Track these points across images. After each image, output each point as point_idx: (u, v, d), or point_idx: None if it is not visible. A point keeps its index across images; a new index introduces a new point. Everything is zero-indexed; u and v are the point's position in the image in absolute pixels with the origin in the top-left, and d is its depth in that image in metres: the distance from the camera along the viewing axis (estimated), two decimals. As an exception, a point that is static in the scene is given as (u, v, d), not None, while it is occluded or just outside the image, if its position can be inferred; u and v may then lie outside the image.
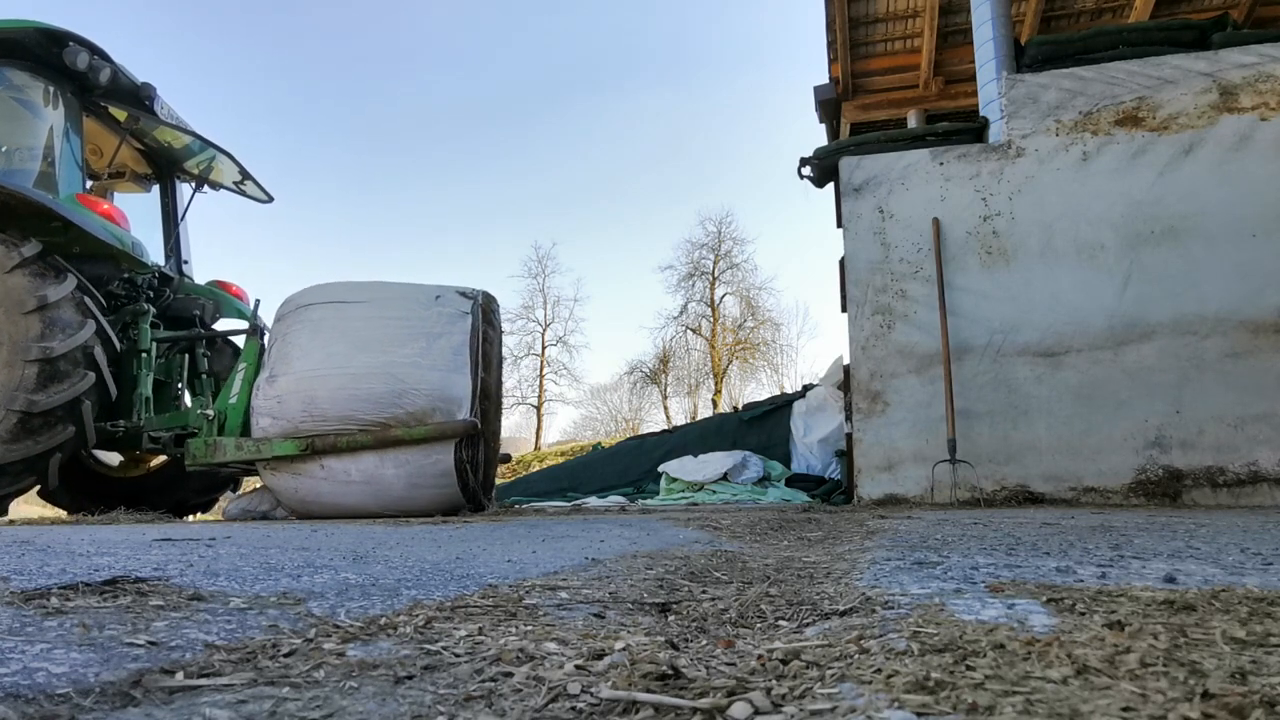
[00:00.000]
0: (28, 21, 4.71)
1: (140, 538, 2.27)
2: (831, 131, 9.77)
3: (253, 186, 6.21)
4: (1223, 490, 4.64)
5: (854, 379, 5.26)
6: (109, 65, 4.95)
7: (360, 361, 4.14)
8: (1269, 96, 4.92)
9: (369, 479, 4.12)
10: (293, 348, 4.27)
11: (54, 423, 4.26)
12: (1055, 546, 1.98)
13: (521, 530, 2.82)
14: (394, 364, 4.13)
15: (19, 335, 4.19)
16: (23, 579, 1.26)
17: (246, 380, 4.74)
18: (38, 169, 4.77)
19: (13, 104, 4.91)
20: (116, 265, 4.95)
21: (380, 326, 4.27)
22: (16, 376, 4.15)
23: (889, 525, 2.94)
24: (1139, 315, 4.89)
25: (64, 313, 4.33)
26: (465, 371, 4.21)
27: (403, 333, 4.25)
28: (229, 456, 4.45)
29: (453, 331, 4.30)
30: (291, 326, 4.38)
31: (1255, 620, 0.90)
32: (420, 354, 4.17)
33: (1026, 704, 0.61)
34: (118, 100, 5.22)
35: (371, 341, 4.21)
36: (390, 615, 1.08)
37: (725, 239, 28.99)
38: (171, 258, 5.83)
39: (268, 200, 6.38)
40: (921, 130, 6.04)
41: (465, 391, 4.17)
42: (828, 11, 8.34)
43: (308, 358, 4.19)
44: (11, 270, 4.26)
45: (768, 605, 1.18)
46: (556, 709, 0.68)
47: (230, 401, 4.70)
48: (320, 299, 4.46)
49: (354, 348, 4.19)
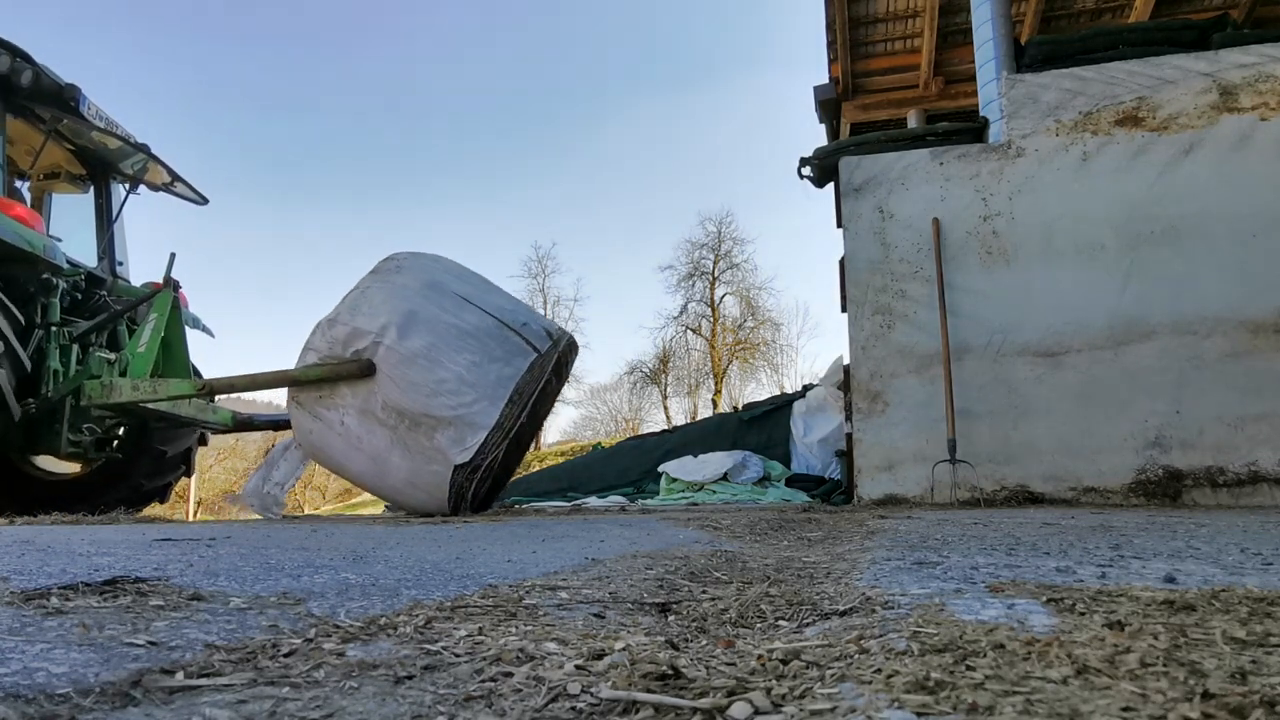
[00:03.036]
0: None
1: (140, 538, 2.27)
2: (831, 131, 9.77)
3: (184, 188, 6.20)
4: (1223, 490, 4.64)
5: (854, 379, 5.26)
6: (31, 67, 4.94)
7: (414, 345, 4.04)
8: (1269, 96, 4.92)
9: (376, 456, 4.11)
10: (364, 303, 4.20)
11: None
12: (1055, 546, 1.98)
13: (521, 530, 2.82)
14: (442, 363, 4.04)
15: None
16: (23, 579, 1.26)
17: (156, 330, 4.75)
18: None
19: None
20: (34, 268, 4.89)
21: (452, 322, 4.16)
22: None
23: (889, 525, 2.94)
24: (1139, 315, 4.89)
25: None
26: (499, 405, 4.05)
27: (469, 340, 4.13)
28: (125, 397, 4.54)
29: (510, 362, 4.16)
30: (375, 282, 4.31)
31: (1255, 620, 0.90)
32: (470, 367, 4.05)
33: (1026, 704, 0.61)
34: (42, 102, 5.18)
35: (436, 332, 4.10)
36: (390, 615, 1.08)
37: (725, 239, 29.01)
38: (104, 259, 5.80)
39: (202, 202, 6.37)
40: (921, 130, 6.04)
41: (487, 423, 4.03)
42: (828, 11, 8.34)
43: (371, 319, 4.12)
44: None
45: (768, 605, 1.18)
46: (556, 709, 0.68)
47: (138, 350, 4.70)
48: (416, 269, 4.36)
49: (417, 330, 4.09)
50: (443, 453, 4.01)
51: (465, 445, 3.99)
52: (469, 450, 3.98)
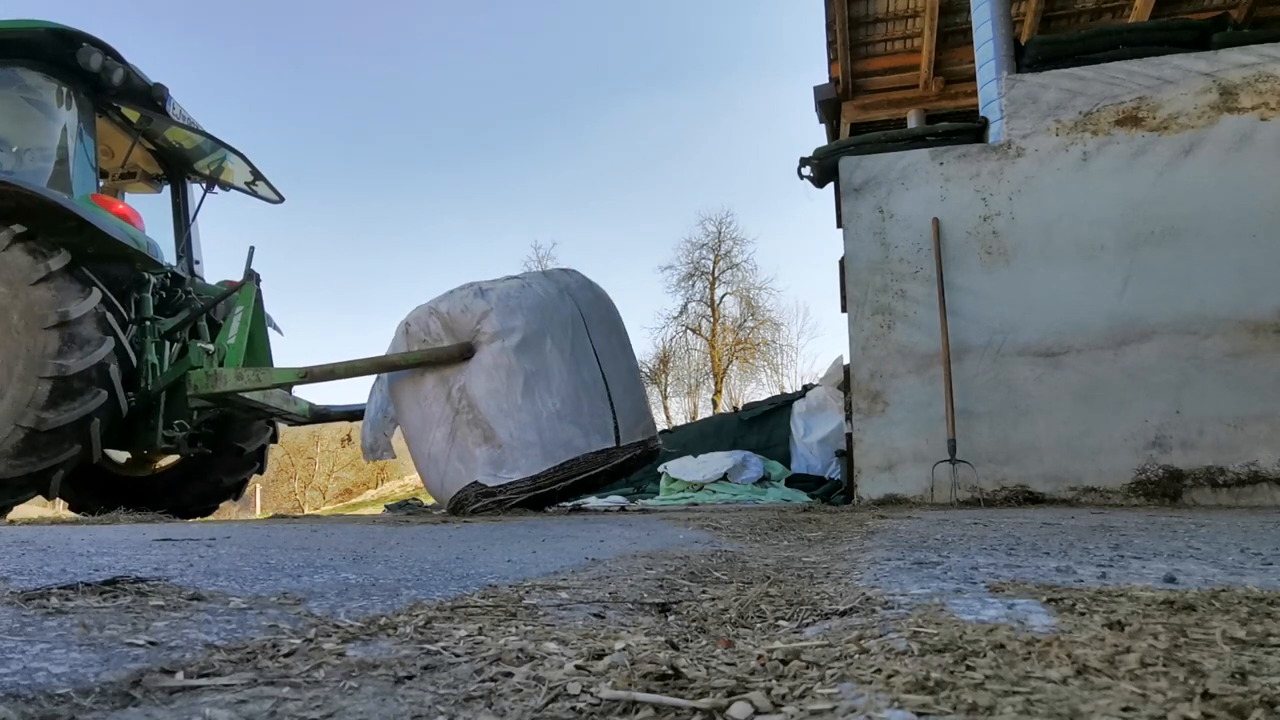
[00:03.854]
0: (41, 22, 4.69)
1: (140, 538, 2.27)
2: (831, 131, 9.76)
3: (264, 187, 6.18)
4: (1223, 490, 4.63)
5: (854, 379, 5.26)
6: (122, 66, 4.93)
7: (523, 362, 4.08)
8: (1269, 96, 4.92)
9: (426, 421, 4.25)
10: (514, 298, 4.21)
11: (61, 440, 4.21)
12: (1055, 546, 1.98)
13: (521, 530, 2.82)
14: (534, 394, 4.07)
15: (37, 350, 4.14)
16: (23, 579, 1.26)
17: (244, 321, 4.80)
18: (51, 169, 4.75)
19: (26, 105, 4.89)
20: (131, 266, 4.92)
21: (568, 366, 4.18)
22: (29, 392, 4.10)
23: (889, 525, 2.94)
24: (1139, 315, 4.89)
25: (84, 329, 4.28)
26: (548, 463, 4.03)
27: (569, 391, 4.14)
28: (229, 386, 4.62)
29: (588, 435, 4.14)
30: (537, 286, 4.35)
31: (1255, 620, 0.90)
32: (551, 415, 4.05)
33: (1026, 704, 0.61)
34: (130, 101, 5.20)
35: (550, 365, 4.13)
36: (390, 615, 1.08)
37: (725, 239, 28.93)
38: (183, 258, 5.80)
39: (278, 200, 6.35)
40: (921, 130, 6.04)
41: (527, 470, 4.02)
42: (828, 11, 8.33)
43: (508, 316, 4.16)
44: (37, 283, 4.21)
45: (768, 605, 1.18)
46: (556, 709, 0.68)
47: (228, 341, 4.76)
48: (577, 299, 4.43)
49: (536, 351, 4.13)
50: (474, 462, 4.07)
51: (496, 473, 4.04)
52: (495, 478, 4.03)
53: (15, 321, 4.20)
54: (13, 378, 4.14)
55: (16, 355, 4.17)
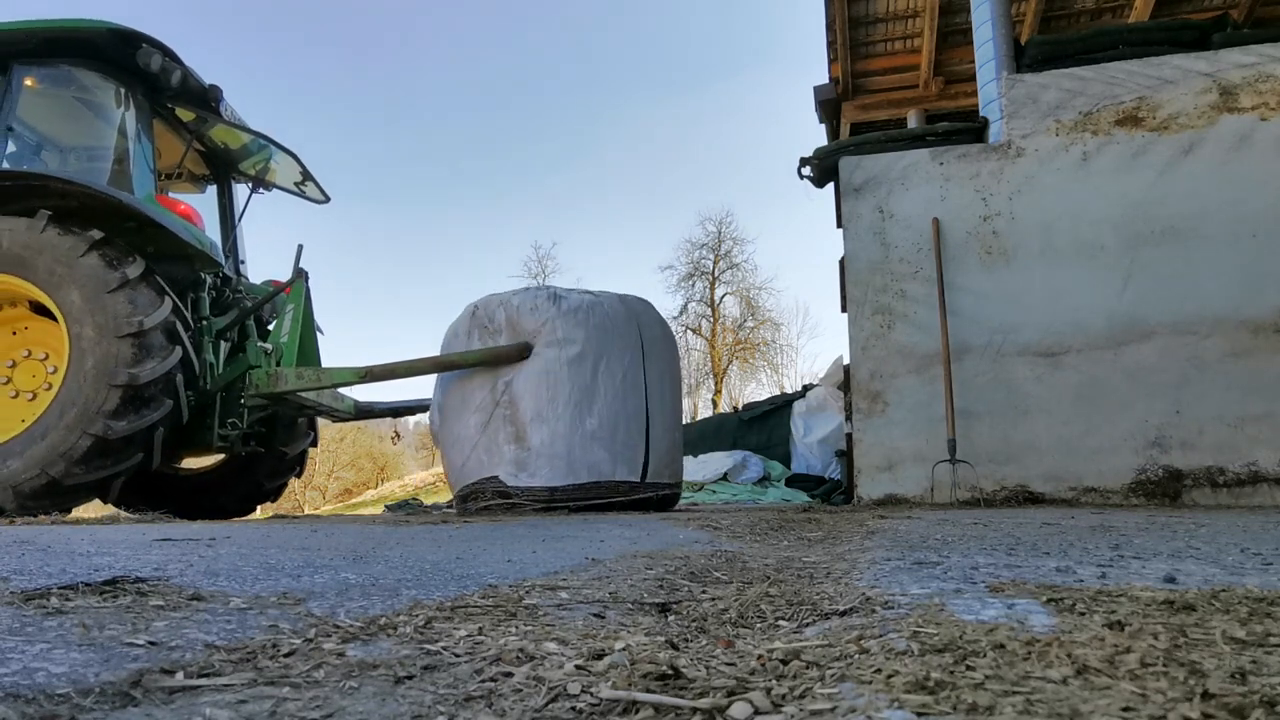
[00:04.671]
0: (100, 22, 4.66)
1: (140, 538, 2.27)
2: (831, 131, 9.76)
3: (312, 187, 6.16)
4: (1223, 490, 4.63)
5: (854, 379, 5.26)
6: (180, 67, 4.93)
7: (575, 375, 4.13)
8: (1269, 96, 4.92)
9: (464, 404, 4.34)
10: (582, 316, 4.27)
11: (126, 448, 4.20)
12: (1055, 546, 1.98)
13: (521, 530, 2.82)
14: (576, 407, 4.11)
15: (108, 358, 4.12)
16: (23, 579, 1.26)
17: (295, 319, 4.82)
18: (109, 169, 4.75)
19: (82, 105, 4.89)
20: (189, 266, 4.93)
21: (616, 395, 4.22)
22: (99, 399, 4.08)
23: (889, 525, 2.94)
24: (1139, 315, 4.89)
25: (155, 338, 4.26)
26: (569, 479, 4.08)
27: (610, 416, 4.18)
28: (290, 385, 4.67)
29: (615, 464, 4.19)
30: (609, 308, 4.40)
31: (1255, 620, 0.90)
32: (586, 435, 4.11)
33: (1026, 704, 0.61)
34: (186, 102, 5.21)
35: (597, 386, 4.16)
36: (390, 615, 1.08)
37: (725, 239, 28.94)
38: (230, 258, 5.80)
39: (324, 200, 6.32)
40: (921, 130, 6.04)
41: (547, 481, 4.07)
42: (828, 11, 8.33)
43: (573, 328, 4.22)
44: (113, 290, 4.20)
45: (768, 605, 1.18)
46: (556, 709, 0.68)
47: (281, 339, 4.79)
48: (644, 337, 4.46)
49: (590, 370, 4.17)
50: (500, 458, 4.09)
51: (517, 474, 4.06)
52: (516, 479, 4.05)
53: (89, 329, 4.18)
54: (84, 384, 4.12)
55: (87, 362, 4.15)
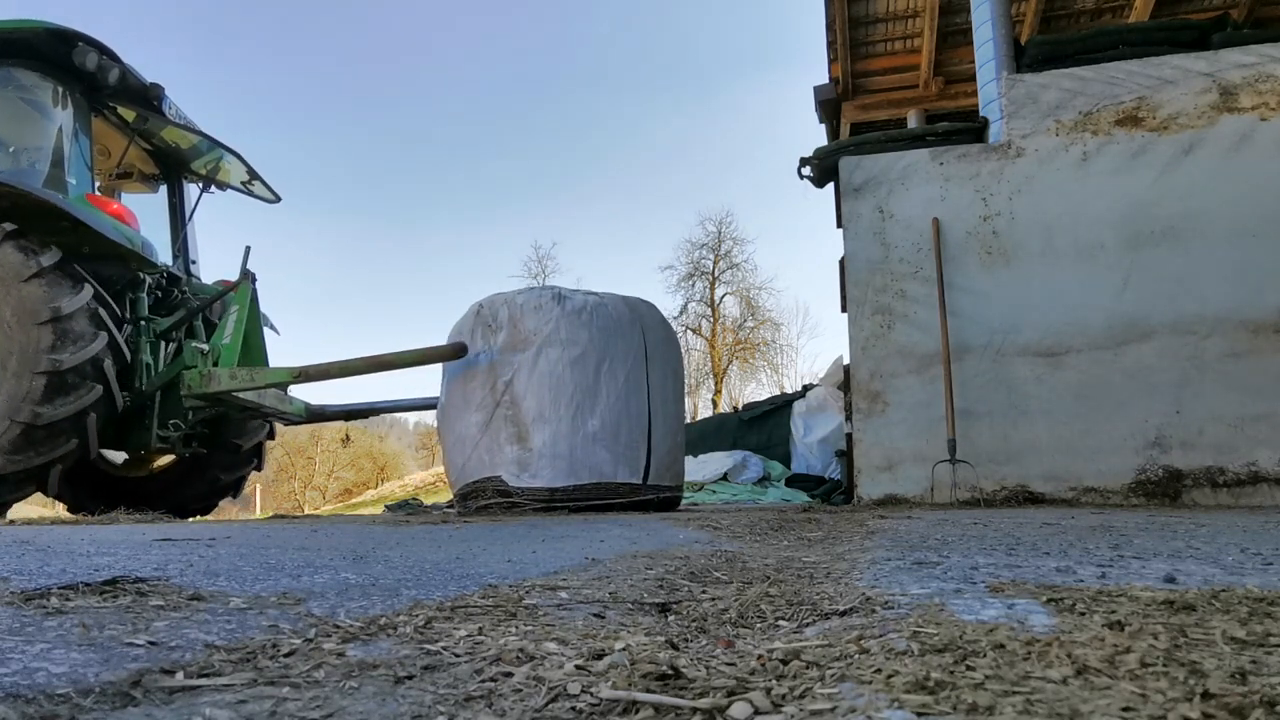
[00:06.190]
0: (36, 22, 4.68)
1: (140, 538, 2.27)
2: (831, 131, 9.76)
3: (260, 186, 6.17)
4: (1223, 490, 4.63)
5: (854, 379, 5.26)
6: (118, 65, 4.92)
7: (577, 376, 4.11)
8: (1269, 96, 4.91)
9: (467, 402, 4.33)
10: (586, 317, 4.26)
11: (57, 435, 4.23)
12: (1055, 546, 1.98)
13: (521, 530, 2.82)
14: (579, 408, 4.10)
15: (30, 345, 4.16)
16: (23, 579, 1.26)
17: (239, 321, 4.80)
18: (47, 169, 4.75)
19: (22, 105, 4.88)
20: (125, 265, 4.93)
21: (619, 397, 4.20)
22: (24, 387, 4.12)
23: (889, 525, 2.94)
24: (1139, 315, 4.89)
25: (77, 324, 4.29)
26: (570, 480, 4.08)
27: (614, 417, 4.16)
28: (223, 385, 4.64)
29: (617, 466, 4.19)
30: (616, 311, 4.39)
31: (1255, 620, 0.90)
32: (588, 436, 4.10)
33: (1026, 704, 0.61)
34: (126, 100, 5.20)
35: (602, 386, 4.15)
36: (390, 615, 1.08)
37: (725, 239, 28.93)
38: (179, 258, 5.81)
39: (275, 200, 6.35)
40: (921, 130, 6.04)
41: (548, 481, 4.06)
42: (828, 11, 8.33)
43: (577, 330, 4.21)
44: (29, 279, 4.22)
45: (768, 605, 1.18)
46: (556, 709, 0.68)
47: (224, 341, 4.76)
48: (648, 340, 4.45)
49: (593, 368, 4.15)
50: (502, 458, 4.09)
51: (519, 474, 4.06)
52: (518, 479, 4.05)
53: (8, 318, 4.21)
54: (7, 374, 4.15)
55: (10, 351, 4.18)
